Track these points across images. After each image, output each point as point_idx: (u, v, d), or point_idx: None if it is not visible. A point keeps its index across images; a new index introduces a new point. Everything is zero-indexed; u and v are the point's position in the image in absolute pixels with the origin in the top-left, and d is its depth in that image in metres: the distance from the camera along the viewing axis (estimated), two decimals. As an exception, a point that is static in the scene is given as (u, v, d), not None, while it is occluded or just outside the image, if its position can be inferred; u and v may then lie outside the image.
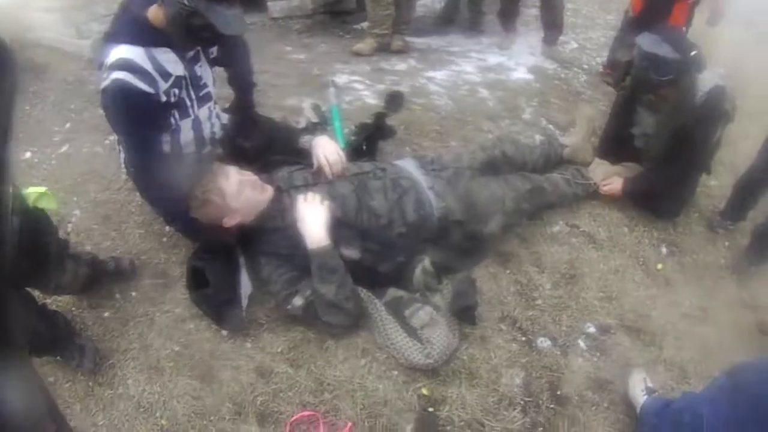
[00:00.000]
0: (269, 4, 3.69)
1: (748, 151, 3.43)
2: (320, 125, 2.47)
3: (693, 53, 2.17)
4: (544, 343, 1.87)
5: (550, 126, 3.01)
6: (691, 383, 1.97)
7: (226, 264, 1.76)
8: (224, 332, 1.71)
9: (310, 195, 1.72)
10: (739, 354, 2.15)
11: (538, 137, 2.82)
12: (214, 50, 1.79)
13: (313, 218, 1.65)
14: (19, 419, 0.64)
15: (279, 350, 1.68)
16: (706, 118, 2.23)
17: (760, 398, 1.32)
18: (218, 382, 1.60)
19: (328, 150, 1.90)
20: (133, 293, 1.83)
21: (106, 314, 1.78)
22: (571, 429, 1.69)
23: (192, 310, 1.75)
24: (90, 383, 1.63)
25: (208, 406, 1.55)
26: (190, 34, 1.52)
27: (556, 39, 4.05)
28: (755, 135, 3.75)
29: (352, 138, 2.30)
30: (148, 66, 1.53)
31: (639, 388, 1.79)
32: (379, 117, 2.33)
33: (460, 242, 1.95)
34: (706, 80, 2.21)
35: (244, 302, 1.71)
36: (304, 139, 2.00)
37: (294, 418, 1.53)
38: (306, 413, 1.54)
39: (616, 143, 2.62)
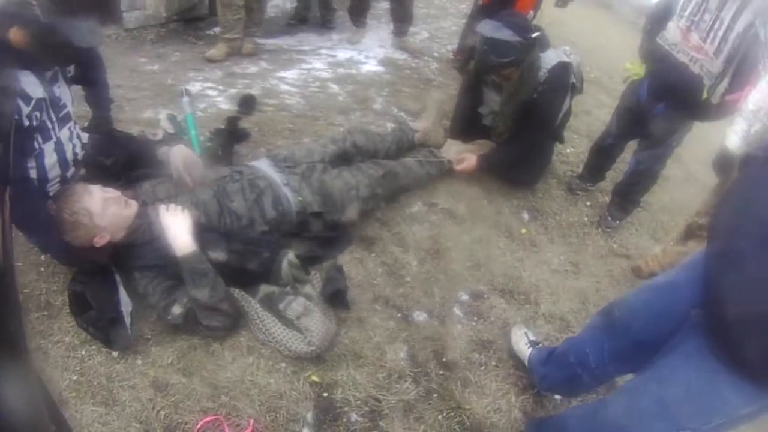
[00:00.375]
0: (124, 14, 4.02)
1: (604, 118, 4.42)
2: (176, 135, 2.89)
3: (535, 35, 2.82)
4: (420, 316, 2.39)
5: (402, 113, 3.72)
6: (574, 331, 2.55)
7: (103, 284, 2.07)
8: (114, 353, 1.98)
9: (171, 205, 2.09)
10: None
11: (389, 125, 3.48)
12: (71, 69, 2.10)
13: (176, 227, 2.02)
14: (19, 420, 0.77)
15: (169, 362, 2.00)
16: (550, 93, 2.90)
17: (631, 330, 1.72)
18: (120, 404, 1.87)
19: (185, 159, 2.32)
20: None
21: None
22: (466, 390, 2.15)
23: (81, 337, 2.01)
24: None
25: (117, 430, 1.80)
26: (51, 52, 1.81)
27: (405, 31, 4.87)
28: (608, 104, 4.85)
29: (208, 145, 2.74)
30: None
31: (522, 342, 2.31)
32: (232, 121, 2.82)
33: (321, 232, 2.45)
34: (550, 58, 2.87)
35: (128, 320, 2.01)
36: (162, 151, 2.39)
37: (199, 425, 1.84)
38: (209, 419, 1.86)
39: (465, 123, 3.32)
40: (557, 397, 2.28)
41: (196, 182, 2.32)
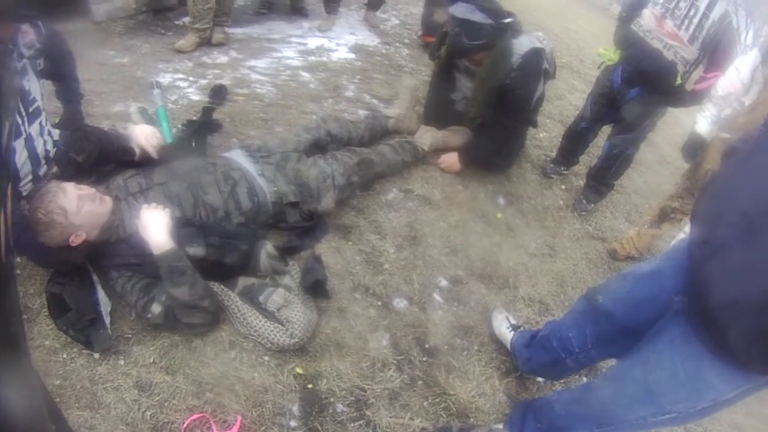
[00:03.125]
0: (92, 7, 3.93)
1: (576, 103, 4.51)
2: None
3: (507, 20, 2.83)
4: (400, 303, 2.40)
5: (374, 101, 3.72)
6: (554, 314, 2.63)
7: (81, 284, 2.03)
8: (96, 355, 1.95)
9: (153, 203, 2.06)
10: (596, 280, 2.91)
11: (362, 112, 3.48)
12: (41, 62, 2.03)
13: (153, 224, 1.99)
14: (19, 420, 0.76)
15: (152, 360, 1.98)
16: (523, 78, 2.90)
17: (614, 317, 1.76)
18: (105, 406, 1.84)
19: (144, 133, 2.32)
20: None
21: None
22: (450, 376, 2.19)
23: (61, 339, 1.97)
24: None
25: None
26: None
27: (378, 6, 4.96)
28: (581, 89, 4.93)
29: (180, 137, 2.69)
30: None
31: (504, 326, 2.35)
32: (205, 112, 2.79)
33: (298, 222, 2.44)
34: (522, 44, 2.88)
35: (107, 320, 1.98)
36: (125, 135, 2.37)
37: (186, 423, 1.83)
38: (195, 416, 1.85)
39: (438, 109, 3.34)
40: (540, 379, 2.32)
41: (159, 153, 2.34)
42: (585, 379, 2.39)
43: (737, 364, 1.31)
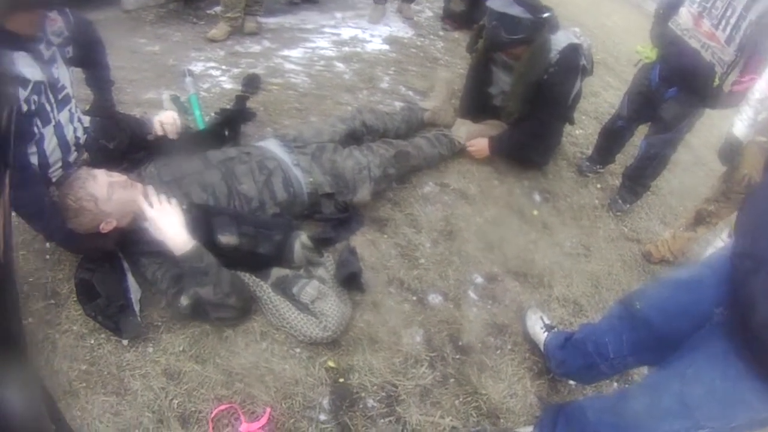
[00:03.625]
0: None
1: (611, 100, 4.41)
2: (180, 116, 2.82)
3: (545, 14, 2.77)
4: (435, 299, 2.35)
5: (410, 93, 3.66)
6: (587, 315, 2.56)
7: (111, 271, 2.00)
8: (125, 341, 1.93)
9: (154, 199, 1.95)
10: (630, 283, 2.84)
11: (398, 104, 3.42)
12: (70, 49, 2.01)
13: (168, 224, 1.91)
14: (18, 420, 0.75)
15: (181, 349, 1.95)
16: (561, 74, 2.85)
17: (652, 325, 1.72)
18: (132, 393, 1.82)
19: (163, 116, 2.31)
20: (30, 319, 1.97)
21: (6, 347, 1.92)
22: (482, 375, 2.14)
23: (90, 325, 1.95)
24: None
25: (130, 420, 1.76)
26: None
27: None
28: (616, 86, 4.82)
29: (214, 124, 2.65)
30: None
31: (538, 327, 2.29)
32: (240, 100, 2.75)
33: (333, 214, 2.40)
34: (560, 39, 2.82)
35: (137, 307, 1.95)
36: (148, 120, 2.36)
37: (214, 414, 1.80)
38: (224, 406, 1.82)
39: (475, 103, 3.28)
40: (572, 382, 2.26)
41: (172, 134, 2.33)
42: (616, 385, 2.32)
43: None
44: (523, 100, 2.96)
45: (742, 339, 1.33)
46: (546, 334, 2.26)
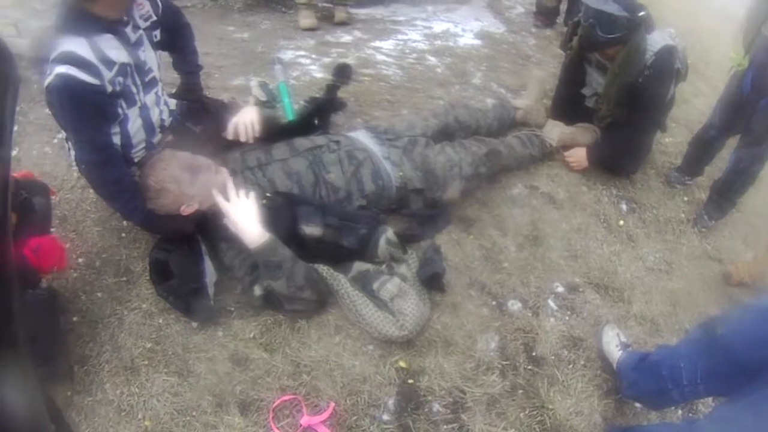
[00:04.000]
0: None
1: (702, 108, 3.88)
2: (269, 103, 2.60)
3: (641, 13, 2.42)
4: (514, 305, 2.08)
5: (502, 90, 3.30)
6: (663, 336, 2.23)
7: (188, 253, 1.85)
8: (194, 324, 1.80)
9: (232, 193, 1.79)
10: (708, 305, 2.46)
11: (489, 101, 3.08)
12: (157, 33, 1.88)
13: (243, 217, 1.73)
14: (18, 420, 0.70)
15: (251, 336, 1.80)
16: (656, 78, 2.49)
17: (732, 351, 1.51)
18: (195, 375, 1.70)
19: (242, 116, 2.08)
20: (99, 294, 1.89)
21: (75, 318, 1.84)
22: (551, 389, 1.88)
23: (159, 305, 1.83)
24: (69, 392, 1.68)
25: (189, 401, 1.64)
26: None
27: None
28: (707, 93, 4.25)
29: (303, 112, 2.44)
30: (91, 56, 1.59)
31: (613, 344, 2.01)
32: (330, 89, 2.49)
33: (421, 210, 2.14)
34: (656, 40, 2.47)
35: (211, 291, 1.80)
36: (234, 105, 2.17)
37: (276, 403, 1.64)
38: (287, 397, 1.66)
39: (567, 104, 2.91)
40: (638, 405, 1.98)
41: (249, 140, 2.07)
42: (680, 413, 2.03)
43: None
44: (616, 103, 2.60)
45: None
46: (621, 352, 1.98)
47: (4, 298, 0.68)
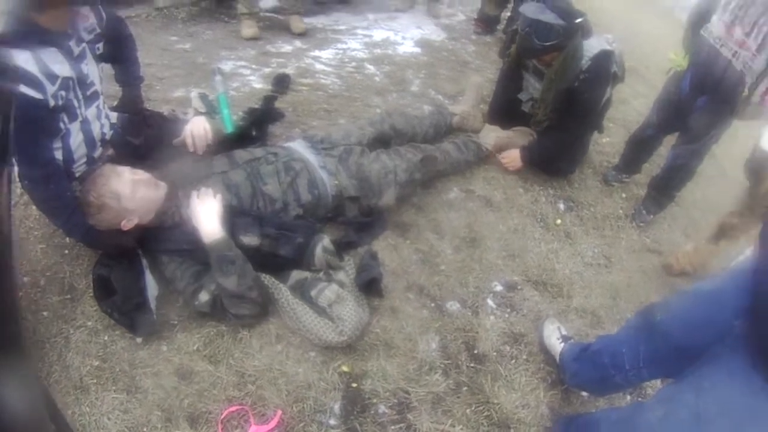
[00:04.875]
0: None
1: (640, 108, 4.22)
2: (208, 115, 2.74)
3: (578, 20, 2.64)
4: (453, 306, 2.26)
5: (439, 96, 3.55)
6: (605, 327, 2.44)
7: (129, 268, 1.96)
8: (139, 339, 1.90)
9: (203, 190, 1.96)
10: (649, 295, 2.70)
11: (427, 108, 3.31)
12: (100, 46, 1.97)
13: (205, 212, 1.90)
14: (19, 420, 0.75)
15: (195, 348, 1.91)
16: (592, 82, 2.71)
17: (670, 336, 1.65)
18: (143, 391, 1.79)
19: (194, 126, 2.21)
20: (45, 313, 1.96)
21: (20, 339, 1.92)
22: (495, 384, 2.05)
23: (104, 321, 1.93)
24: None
25: (139, 418, 1.73)
26: None
27: None
28: (645, 94, 4.62)
29: (241, 124, 2.59)
30: (35, 70, 1.67)
31: (554, 337, 2.20)
32: (268, 100, 2.67)
33: (357, 217, 2.32)
34: (592, 46, 2.69)
35: (153, 305, 1.92)
36: (183, 120, 2.29)
37: (223, 415, 1.75)
38: (234, 408, 1.78)
39: (504, 109, 3.15)
40: (584, 394, 2.17)
41: (200, 150, 2.22)
42: (629, 398, 2.22)
43: None
44: (553, 108, 2.83)
45: (762, 352, 1.26)
46: (562, 344, 2.16)
47: (5, 299, 0.74)
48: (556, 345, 2.18)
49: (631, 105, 4.48)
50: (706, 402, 1.38)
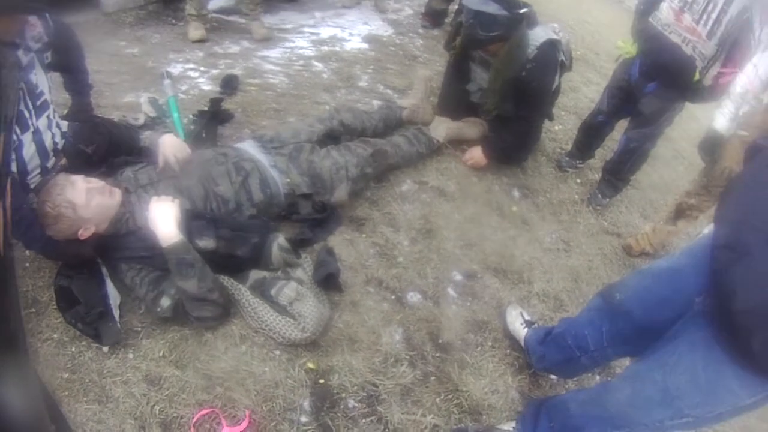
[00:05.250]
0: None
1: (591, 95, 4.40)
2: (159, 119, 2.79)
3: (522, 10, 2.74)
4: (414, 297, 2.33)
5: (388, 91, 3.64)
6: (568, 310, 2.55)
7: (90, 278, 1.98)
8: (105, 348, 1.91)
9: (163, 195, 2.00)
10: (610, 276, 2.83)
11: (376, 103, 3.40)
12: (48, 55, 1.98)
13: (162, 216, 1.93)
14: (19, 420, 0.75)
15: (161, 354, 1.93)
16: (539, 70, 2.82)
17: (632, 315, 1.72)
18: (114, 400, 1.80)
19: (176, 148, 2.22)
20: None
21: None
22: (463, 372, 2.13)
23: (70, 333, 1.93)
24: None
25: (112, 428, 1.74)
26: None
27: None
28: (597, 81, 4.81)
29: (192, 127, 2.63)
30: None
31: (518, 323, 2.28)
32: (216, 102, 2.72)
33: (311, 214, 2.37)
34: (538, 35, 2.80)
35: (116, 313, 1.94)
36: (144, 136, 2.30)
37: (195, 419, 1.78)
38: (205, 411, 1.81)
39: (453, 100, 3.26)
40: (553, 377, 2.26)
41: (182, 170, 2.22)
42: (598, 378, 2.32)
43: (758, 370, 1.28)
44: (500, 97, 2.93)
45: (723, 328, 1.34)
46: (526, 330, 2.25)
47: (4, 298, 0.74)
48: (520, 330, 2.26)
49: (582, 92, 4.65)
50: (673, 377, 1.45)
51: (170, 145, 2.22)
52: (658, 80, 2.76)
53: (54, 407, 1.24)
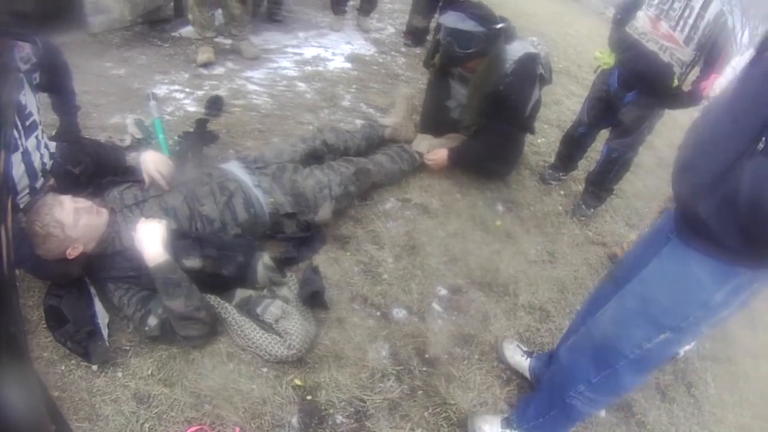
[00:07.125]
0: (88, 19, 4.01)
1: (574, 108, 4.53)
2: (144, 140, 2.88)
3: (500, 26, 2.86)
4: (399, 313, 2.41)
5: (371, 110, 3.76)
6: (555, 320, 2.64)
7: (79, 297, 2.06)
8: (94, 367, 1.97)
9: (149, 215, 2.09)
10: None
11: (359, 122, 3.52)
12: (37, 76, 2.06)
13: (148, 236, 2.01)
14: (18, 420, 0.77)
15: (150, 372, 1.99)
16: (517, 84, 2.93)
17: (631, 275, 1.76)
18: (103, 418, 1.86)
19: (158, 163, 2.30)
20: None
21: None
22: (450, 385, 2.19)
23: (59, 351, 1.99)
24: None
25: None
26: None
27: (370, 11, 5.15)
28: (579, 93, 4.97)
29: (177, 149, 2.72)
30: None
31: (518, 355, 2.33)
32: (201, 123, 2.82)
33: (295, 233, 2.46)
34: (516, 49, 2.90)
35: (105, 332, 2.00)
36: (130, 157, 2.39)
37: None
38: (194, 429, 1.86)
39: (435, 117, 3.38)
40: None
41: (170, 184, 2.31)
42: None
43: (716, 247, 1.39)
44: (479, 112, 3.04)
45: (680, 219, 1.50)
46: (528, 360, 2.31)
47: (6, 298, 0.77)
48: (523, 362, 2.31)
49: (564, 105, 4.80)
50: (648, 283, 1.59)
51: (152, 161, 2.30)
52: (637, 89, 2.88)
53: (54, 407, 1.27)
